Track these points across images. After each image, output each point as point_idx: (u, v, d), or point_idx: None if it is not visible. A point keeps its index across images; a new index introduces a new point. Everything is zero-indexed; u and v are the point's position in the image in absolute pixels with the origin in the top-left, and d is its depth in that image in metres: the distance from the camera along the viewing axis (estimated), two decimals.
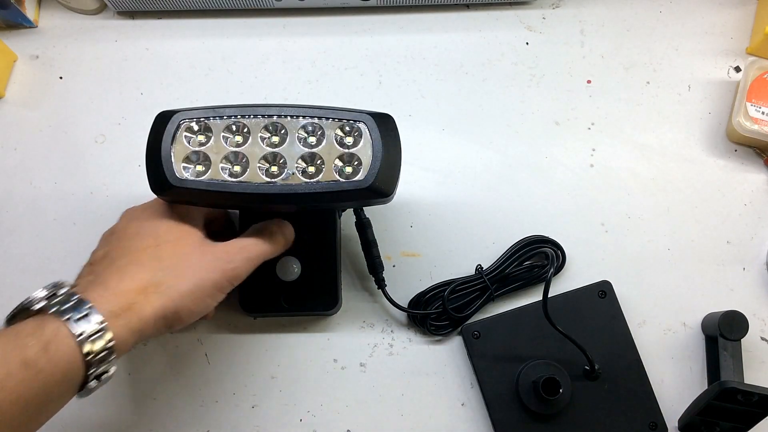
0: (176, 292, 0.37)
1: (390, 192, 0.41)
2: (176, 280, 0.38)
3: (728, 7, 0.64)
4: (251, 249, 0.42)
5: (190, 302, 0.38)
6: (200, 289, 0.38)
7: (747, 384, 0.48)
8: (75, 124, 0.60)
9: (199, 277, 0.38)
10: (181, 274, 0.38)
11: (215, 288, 0.39)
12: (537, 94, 0.61)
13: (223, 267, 0.39)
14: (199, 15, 0.64)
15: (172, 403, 0.53)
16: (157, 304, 0.37)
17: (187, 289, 0.38)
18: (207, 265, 0.39)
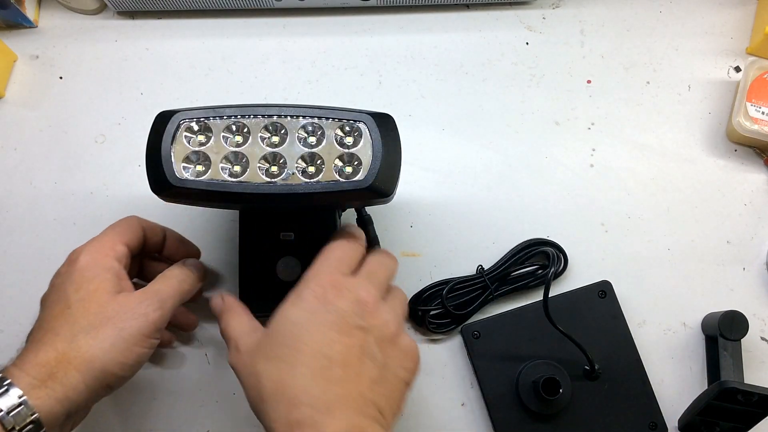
0: (98, 351, 0.37)
1: (390, 192, 0.41)
2: (94, 341, 0.37)
3: (728, 7, 0.64)
4: (166, 291, 0.42)
5: (118, 356, 0.38)
6: (123, 341, 0.38)
7: (747, 384, 0.48)
8: (75, 124, 0.60)
9: (119, 329, 0.38)
10: (98, 333, 0.38)
11: (141, 335, 0.39)
12: (537, 94, 0.61)
13: (142, 313, 0.39)
14: (199, 15, 0.64)
15: (172, 403, 0.53)
16: (82, 369, 0.37)
17: (109, 345, 0.38)
18: (124, 316, 0.39)
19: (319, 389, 0.33)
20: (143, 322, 0.39)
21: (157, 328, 0.40)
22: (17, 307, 0.55)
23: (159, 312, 0.40)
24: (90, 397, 0.37)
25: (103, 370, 0.37)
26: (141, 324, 0.39)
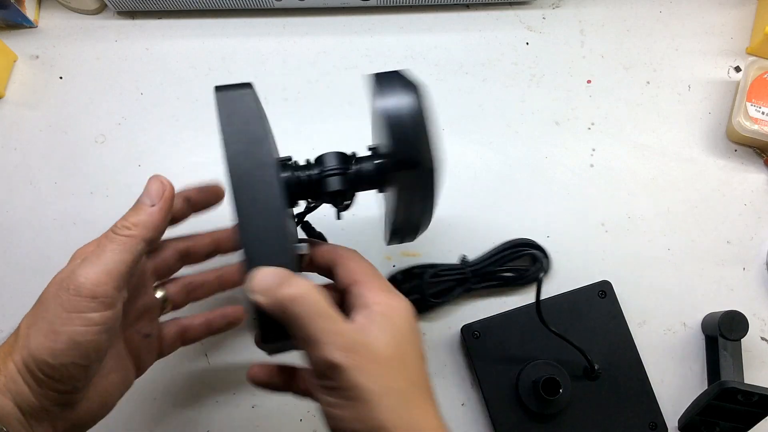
0: (27, 338, 0.33)
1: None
2: (26, 328, 0.34)
3: (728, 7, 0.64)
4: (98, 254, 0.35)
5: (43, 339, 0.33)
6: (47, 323, 0.33)
7: (747, 384, 0.48)
8: (75, 124, 0.60)
9: (44, 310, 0.34)
10: (32, 318, 0.34)
11: (64, 311, 0.33)
12: (537, 94, 0.61)
13: (65, 287, 0.33)
14: (199, 15, 0.64)
15: (172, 403, 0.53)
16: (15, 358, 0.33)
17: (35, 330, 0.33)
18: (49, 298, 0.34)
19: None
20: (64, 297, 0.33)
21: (85, 297, 0.33)
22: (17, 307, 0.55)
23: (82, 280, 0.33)
24: (34, 390, 0.33)
25: (32, 357, 0.32)
26: (62, 299, 0.33)
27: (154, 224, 0.36)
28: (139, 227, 0.35)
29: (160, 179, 0.37)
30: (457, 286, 0.54)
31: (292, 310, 0.31)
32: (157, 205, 0.36)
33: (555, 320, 0.53)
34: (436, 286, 0.53)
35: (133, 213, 0.36)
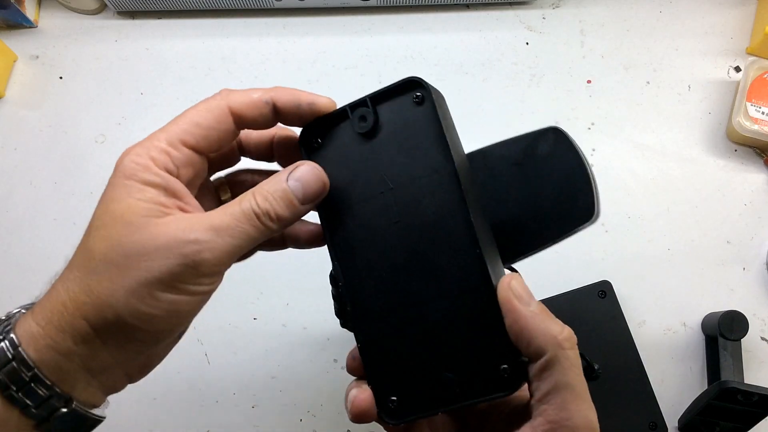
0: (111, 298, 0.28)
1: None
2: (108, 283, 0.28)
3: (728, 7, 0.64)
4: (230, 223, 0.29)
5: (138, 304, 0.28)
6: (145, 286, 0.28)
7: (747, 384, 0.48)
8: (75, 124, 0.60)
9: (143, 269, 0.28)
10: (115, 270, 0.28)
11: (172, 278, 0.28)
12: (537, 94, 0.61)
13: (180, 253, 0.28)
14: (199, 15, 0.64)
15: (172, 403, 0.53)
16: (90, 317, 0.28)
17: (126, 289, 0.28)
18: (153, 252, 0.28)
19: None
20: (176, 264, 0.28)
21: (200, 273, 0.29)
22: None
23: (207, 255, 0.28)
24: (112, 352, 0.29)
25: (119, 322, 0.28)
26: (172, 265, 0.28)
27: (292, 222, 0.31)
28: (280, 223, 0.30)
29: (323, 179, 0.32)
30: None
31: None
32: (306, 206, 0.31)
33: None
34: None
35: (282, 203, 0.30)
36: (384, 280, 0.31)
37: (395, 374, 0.32)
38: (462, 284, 0.30)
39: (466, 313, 0.30)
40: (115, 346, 0.29)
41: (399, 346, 0.32)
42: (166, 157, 0.30)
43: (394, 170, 0.32)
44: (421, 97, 0.32)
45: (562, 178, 0.34)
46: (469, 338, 0.30)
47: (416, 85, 0.32)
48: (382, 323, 0.32)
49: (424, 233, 0.31)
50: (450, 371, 0.30)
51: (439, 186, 0.31)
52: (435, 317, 0.30)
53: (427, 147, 0.32)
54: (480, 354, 0.29)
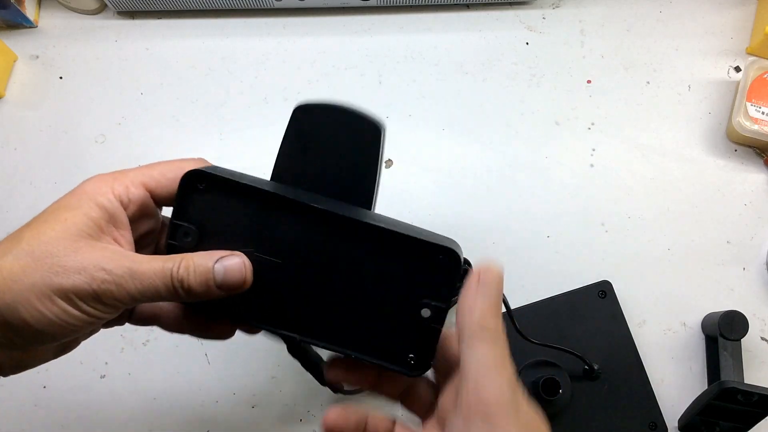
0: (15, 284, 0.29)
1: None
2: (18, 270, 0.29)
3: (728, 7, 0.64)
4: (139, 278, 0.30)
5: (33, 298, 0.29)
6: (48, 287, 0.29)
7: (747, 384, 0.48)
8: (75, 124, 0.60)
9: (52, 272, 0.29)
10: (29, 262, 0.29)
11: (74, 292, 0.29)
12: (537, 94, 0.61)
13: (90, 275, 0.30)
14: (199, 15, 0.64)
15: (172, 403, 0.53)
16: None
17: (31, 281, 0.29)
18: (66, 260, 0.30)
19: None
20: (83, 283, 0.29)
21: (102, 301, 0.30)
22: None
23: (112, 288, 0.30)
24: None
25: (11, 307, 0.29)
26: (79, 282, 0.29)
27: (199, 298, 0.32)
28: (190, 296, 0.32)
29: (245, 273, 0.33)
30: None
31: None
32: (221, 292, 0.32)
33: (555, 320, 0.53)
34: None
35: (200, 279, 0.32)
36: (317, 302, 0.34)
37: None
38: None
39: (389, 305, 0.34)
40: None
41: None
42: (124, 190, 0.33)
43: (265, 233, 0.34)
44: (205, 187, 0.34)
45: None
46: (390, 321, 0.34)
47: (196, 178, 0.34)
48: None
49: (309, 248, 0.34)
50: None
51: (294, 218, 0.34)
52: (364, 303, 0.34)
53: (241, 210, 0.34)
54: (397, 334, 0.34)
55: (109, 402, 0.53)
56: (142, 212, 0.34)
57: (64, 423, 0.52)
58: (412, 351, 0.34)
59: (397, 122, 0.60)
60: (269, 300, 0.35)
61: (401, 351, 0.34)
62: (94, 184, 0.33)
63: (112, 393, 0.53)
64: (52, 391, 0.53)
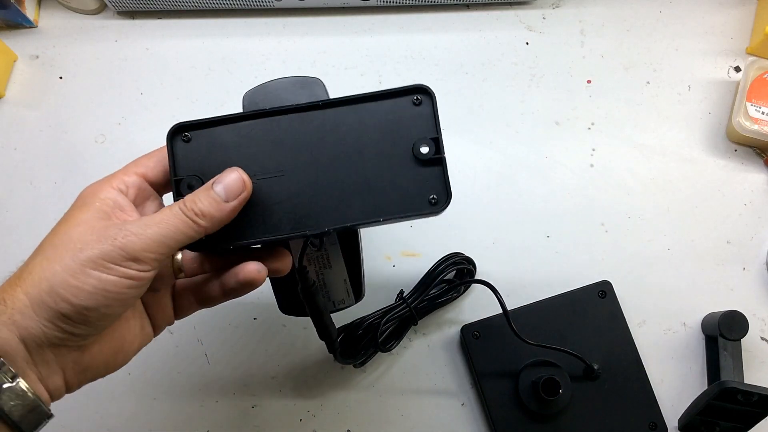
0: (47, 272, 0.32)
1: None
2: (47, 261, 0.32)
3: (728, 7, 0.64)
4: (159, 221, 0.34)
5: (69, 278, 0.31)
6: (78, 263, 0.32)
7: (747, 384, 0.48)
8: (75, 124, 0.60)
9: (77, 250, 0.32)
10: (54, 254, 0.32)
11: (102, 258, 0.32)
12: (537, 94, 0.61)
13: (109, 236, 0.33)
14: (199, 15, 0.64)
15: (172, 403, 0.53)
16: (29, 290, 0.31)
17: (60, 266, 0.32)
18: (88, 238, 0.33)
19: None
20: (108, 246, 0.32)
21: (129, 257, 0.32)
22: None
23: (133, 238, 0.32)
24: (45, 327, 0.31)
25: (51, 292, 0.31)
26: (104, 247, 0.32)
27: (221, 221, 0.35)
28: (207, 219, 0.34)
29: (242, 176, 0.36)
30: (404, 326, 0.52)
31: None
32: (232, 203, 0.35)
33: (555, 320, 0.53)
34: (386, 332, 0.51)
35: (206, 201, 0.35)
36: (329, 192, 0.37)
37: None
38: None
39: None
40: (46, 318, 0.31)
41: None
42: (119, 182, 0.37)
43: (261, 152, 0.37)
44: (190, 136, 0.38)
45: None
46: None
47: (179, 131, 0.38)
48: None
49: (302, 148, 0.37)
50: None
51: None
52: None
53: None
54: (410, 184, 0.37)
55: (110, 402, 0.53)
56: (143, 195, 0.38)
57: (65, 423, 0.52)
58: (431, 191, 0.37)
59: None
60: (286, 210, 0.36)
61: (421, 196, 0.37)
62: (90, 187, 0.36)
63: (113, 393, 0.53)
64: None
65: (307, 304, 0.42)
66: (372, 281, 0.55)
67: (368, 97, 0.37)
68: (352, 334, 0.50)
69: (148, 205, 0.38)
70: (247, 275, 0.37)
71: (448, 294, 0.53)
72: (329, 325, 0.44)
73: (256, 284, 0.38)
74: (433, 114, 0.37)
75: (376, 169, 0.36)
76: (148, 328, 0.38)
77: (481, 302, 0.55)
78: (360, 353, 0.51)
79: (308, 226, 0.36)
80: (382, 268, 0.56)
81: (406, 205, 0.36)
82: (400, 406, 0.53)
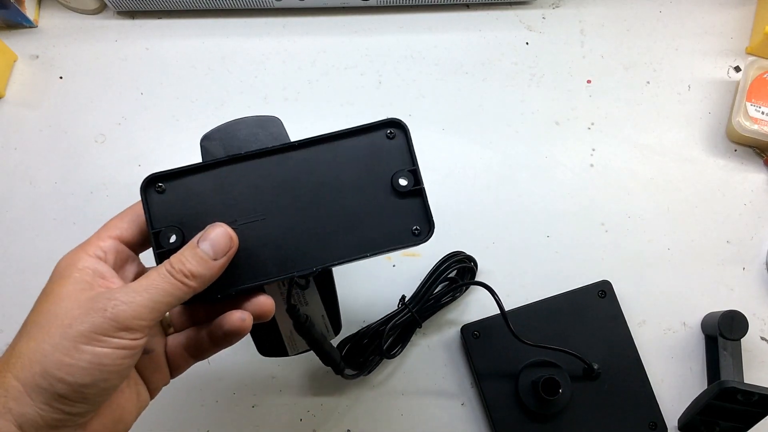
0: (36, 353, 0.30)
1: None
2: (34, 342, 0.31)
3: (728, 7, 0.64)
4: (148, 285, 0.33)
5: (61, 357, 0.30)
6: (68, 339, 0.31)
7: (747, 384, 0.48)
8: (75, 124, 0.60)
9: (66, 326, 0.31)
10: (40, 333, 0.31)
11: (93, 331, 0.31)
12: (537, 94, 0.61)
13: (98, 308, 0.31)
14: (199, 15, 0.64)
15: (172, 403, 0.53)
16: (20, 375, 0.30)
17: (50, 346, 0.31)
18: (76, 312, 0.32)
19: None
20: (99, 318, 0.31)
21: (120, 327, 0.32)
22: (17, 307, 0.55)
23: (124, 307, 0.32)
24: (42, 410, 0.30)
25: (45, 374, 0.30)
26: (95, 320, 0.31)
27: (211, 279, 0.35)
28: (197, 280, 0.34)
29: (228, 233, 0.35)
30: (408, 330, 0.52)
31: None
32: (220, 261, 0.35)
33: (555, 320, 0.53)
34: (390, 339, 0.51)
35: (194, 261, 0.34)
36: (310, 231, 0.36)
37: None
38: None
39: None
40: (43, 401, 0.30)
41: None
42: (95, 248, 0.35)
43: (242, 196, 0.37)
44: (164, 186, 0.37)
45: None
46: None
47: (152, 182, 0.37)
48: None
49: (279, 190, 0.36)
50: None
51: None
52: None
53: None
54: (391, 217, 0.37)
55: None
56: (122, 258, 0.37)
57: None
58: (413, 222, 0.36)
59: None
60: (271, 253, 0.36)
61: (403, 228, 0.36)
62: (66, 258, 0.35)
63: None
64: None
65: (305, 338, 0.42)
66: (373, 282, 0.56)
67: (342, 134, 0.37)
68: (358, 344, 0.51)
69: (128, 267, 0.37)
70: (232, 325, 0.37)
71: (450, 294, 0.53)
72: (330, 351, 0.45)
73: (243, 332, 0.38)
74: (408, 146, 0.37)
75: (356, 204, 0.36)
76: (145, 394, 0.38)
77: (481, 302, 0.55)
78: (366, 364, 0.51)
79: (295, 268, 0.36)
80: (382, 269, 0.56)
81: (390, 238, 0.36)
82: (400, 406, 0.53)
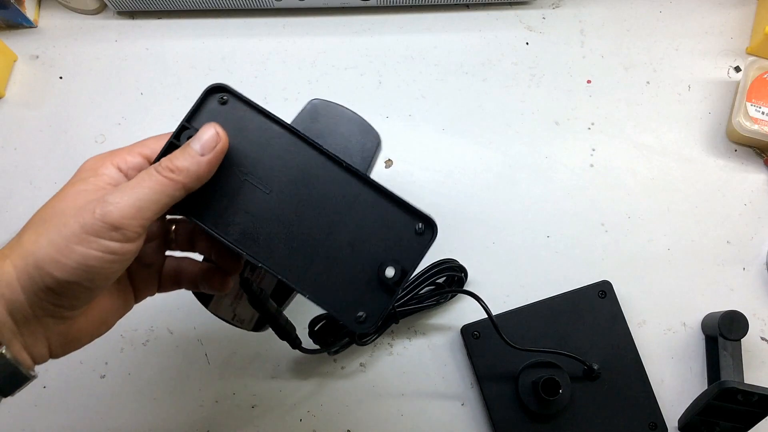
0: (34, 246, 0.32)
1: None
2: (34, 235, 0.32)
3: (728, 7, 0.64)
4: (136, 186, 0.33)
5: (54, 253, 0.32)
6: (63, 238, 0.32)
7: (747, 384, 0.48)
8: (75, 124, 0.60)
9: (62, 224, 0.32)
10: (42, 227, 0.33)
11: (84, 232, 0.32)
12: (537, 94, 0.61)
13: (91, 209, 0.32)
14: (199, 15, 0.64)
15: (172, 403, 0.53)
16: (16, 263, 0.32)
17: (46, 241, 0.32)
18: (73, 210, 0.33)
19: None
20: (89, 219, 0.32)
21: (109, 227, 0.32)
22: None
23: (111, 207, 0.32)
24: (31, 300, 0.32)
25: (37, 266, 0.32)
26: (85, 220, 0.32)
27: (198, 175, 0.35)
28: (183, 174, 0.34)
29: (215, 128, 0.35)
30: (384, 323, 0.52)
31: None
32: (207, 156, 0.35)
33: (555, 320, 0.53)
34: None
35: (180, 157, 0.34)
36: (290, 237, 0.35)
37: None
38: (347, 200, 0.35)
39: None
40: (32, 291, 0.32)
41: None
42: (121, 160, 0.36)
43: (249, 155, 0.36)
44: (226, 100, 0.38)
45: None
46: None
47: (221, 90, 0.38)
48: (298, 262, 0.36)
49: (300, 185, 0.36)
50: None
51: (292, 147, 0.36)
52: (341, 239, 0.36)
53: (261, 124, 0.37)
54: (355, 286, 0.35)
55: (109, 402, 0.53)
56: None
57: (64, 423, 0.52)
58: (364, 308, 0.35)
59: (397, 122, 0.60)
60: (245, 221, 0.36)
61: (353, 305, 0.35)
62: (92, 161, 0.36)
63: (112, 393, 0.53)
64: (52, 391, 0.53)
65: (259, 311, 0.42)
66: None
67: (384, 191, 0.35)
68: (332, 323, 0.51)
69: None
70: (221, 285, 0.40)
71: (435, 298, 0.53)
72: (285, 324, 0.45)
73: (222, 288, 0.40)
74: (423, 250, 0.35)
75: (346, 250, 0.35)
76: (131, 301, 0.39)
77: None
78: (334, 344, 0.51)
79: (250, 249, 0.35)
80: None
81: (336, 303, 0.35)
82: (400, 406, 0.53)
